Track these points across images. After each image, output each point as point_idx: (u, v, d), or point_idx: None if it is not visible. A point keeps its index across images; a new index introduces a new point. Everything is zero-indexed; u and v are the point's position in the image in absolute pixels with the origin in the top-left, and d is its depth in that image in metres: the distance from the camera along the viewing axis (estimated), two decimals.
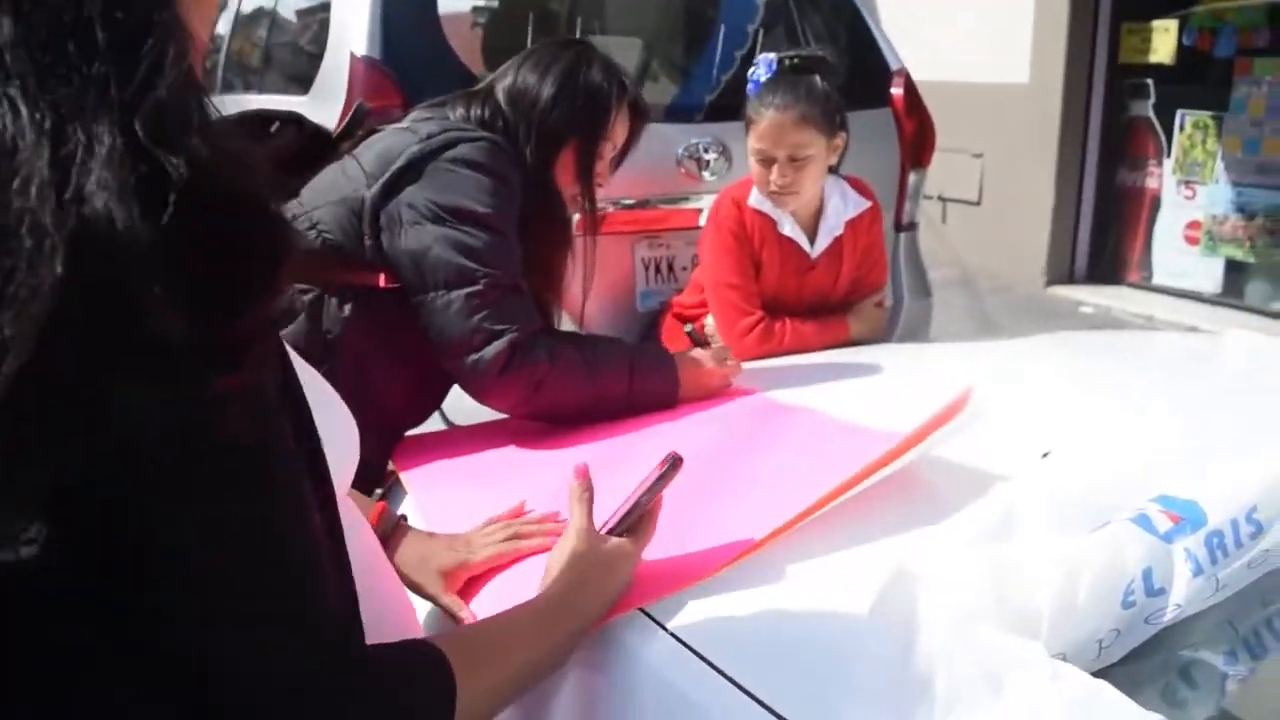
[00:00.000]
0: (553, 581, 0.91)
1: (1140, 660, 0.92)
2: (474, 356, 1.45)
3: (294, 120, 1.68)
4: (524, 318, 1.48)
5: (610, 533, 0.95)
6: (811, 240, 2.22)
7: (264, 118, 1.68)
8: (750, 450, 1.33)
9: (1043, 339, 2.10)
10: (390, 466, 1.53)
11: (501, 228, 1.50)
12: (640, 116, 1.74)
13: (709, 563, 0.99)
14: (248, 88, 3.78)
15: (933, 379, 1.68)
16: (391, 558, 1.10)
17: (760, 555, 1.00)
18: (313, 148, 1.71)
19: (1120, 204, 6.05)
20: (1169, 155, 5.73)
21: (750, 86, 2.21)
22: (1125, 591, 0.91)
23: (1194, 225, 5.63)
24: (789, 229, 2.19)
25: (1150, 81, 5.76)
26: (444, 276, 1.46)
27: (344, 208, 1.51)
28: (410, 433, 1.65)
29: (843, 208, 2.24)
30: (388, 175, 1.50)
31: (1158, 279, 5.85)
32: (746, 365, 1.79)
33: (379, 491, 1.56)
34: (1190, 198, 5.64)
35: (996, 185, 6.41)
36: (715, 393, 1.64)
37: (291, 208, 1.54)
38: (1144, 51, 5.73)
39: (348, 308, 1.50)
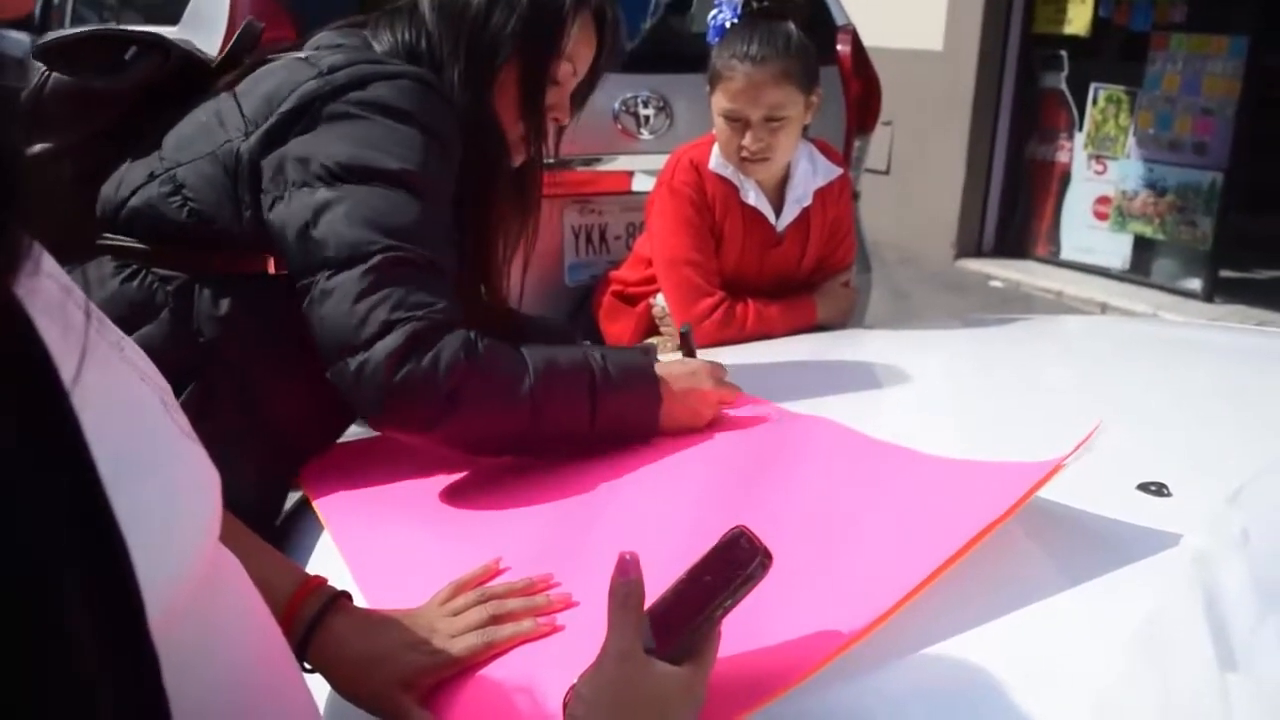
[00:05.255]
0: None
1: None
2: (360, 357, 1.02)
3: (156, 44, 1.30)
4: (434, 303, 1.06)
5: (663, 652, 0.65)
6: (777, 211, 1.95)
7: (116, 39, 1.29)
8: (796, 482, 1.02)
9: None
10: (297, 492, 1.20)
11: (425, 189, 1.12)
12: (609, 30, 1.35)
13: (792, 668, 0.71)
14: (103, 22, 3.32)
15: (968, 383, 1.44)
16: (320, 657, 0.79)
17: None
18: (181, 81, 1.33)
19: (1030, 177, 5.98)
20: (1080, 129, 5.66)
21: (711, 34, 1.91)
22: None
23: (1104, 200, 5.60)
24: (753, 198, 1.92)
25: (1064, 53, 5.68)
26: (334, 253, 1.06)
27: (216, 166, 1.14)
28: None
29: (811, 175, 1.97)
30: (271, 121, 1.13)
31: (1066, 254, 5.81)
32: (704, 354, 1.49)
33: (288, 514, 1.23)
34: (1101, 173, 5.60)
35: (906, 155, 6.26)
36: (705, 424, 1.21)
37: (150, 164, 1.17)
38: (1059, 22, 5.65)
39: (225, 303, 1.13)
